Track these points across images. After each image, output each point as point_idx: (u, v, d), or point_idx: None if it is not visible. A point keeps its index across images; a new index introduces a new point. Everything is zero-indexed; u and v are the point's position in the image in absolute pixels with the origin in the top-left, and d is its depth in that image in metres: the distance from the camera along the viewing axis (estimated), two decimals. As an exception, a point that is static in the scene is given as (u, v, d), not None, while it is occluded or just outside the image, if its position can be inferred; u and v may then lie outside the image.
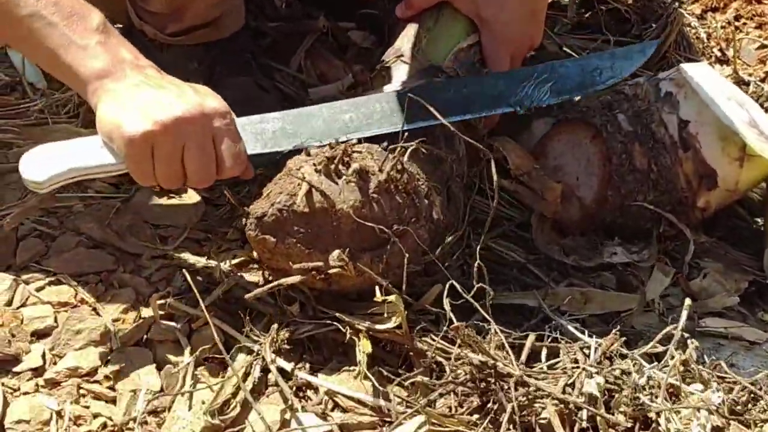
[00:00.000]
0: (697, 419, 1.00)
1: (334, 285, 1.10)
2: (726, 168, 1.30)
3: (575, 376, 1.04)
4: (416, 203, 1.11)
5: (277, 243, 1.08)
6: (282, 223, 1.08)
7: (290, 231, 1.08)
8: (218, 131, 1.11)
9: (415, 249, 1.11)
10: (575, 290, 1.25)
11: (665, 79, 1.37)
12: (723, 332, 1.20)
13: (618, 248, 1.33)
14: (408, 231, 1.09)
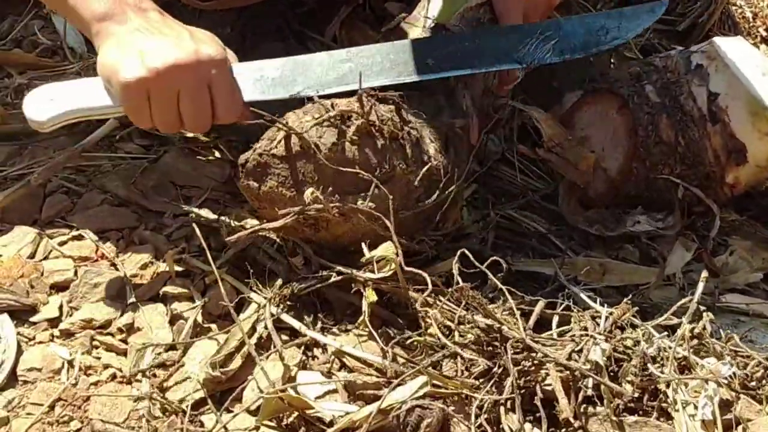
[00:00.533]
0: (705, 391, 0.98)
1: (324, 232, 1.10)
2: (756, 143, 1.27)
3: (583, 343, 1.03)
4: (405, 149, 1.10)
5: (260, 187, 1.10)
6: (263, 167, 1.10)
7: (271, 175, 1.10)
8: (213, 78, 1.13)
9: (406, 194, 1.10)
10: (594, 260, 1.24)
11: (697, 52, 1.34)
12: (744, 309, 1.17)
13: (641, 217, 1.31)
14: (395, 175, 1.09)
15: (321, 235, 1.12)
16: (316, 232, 1.11)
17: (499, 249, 1.26)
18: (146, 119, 1.13)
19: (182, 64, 1.09)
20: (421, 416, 0.96)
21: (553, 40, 1.24)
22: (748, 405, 0.99)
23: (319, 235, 1.12)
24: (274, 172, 1.10)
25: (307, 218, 1.08)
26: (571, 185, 1.39)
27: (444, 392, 1.00)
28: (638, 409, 1.00)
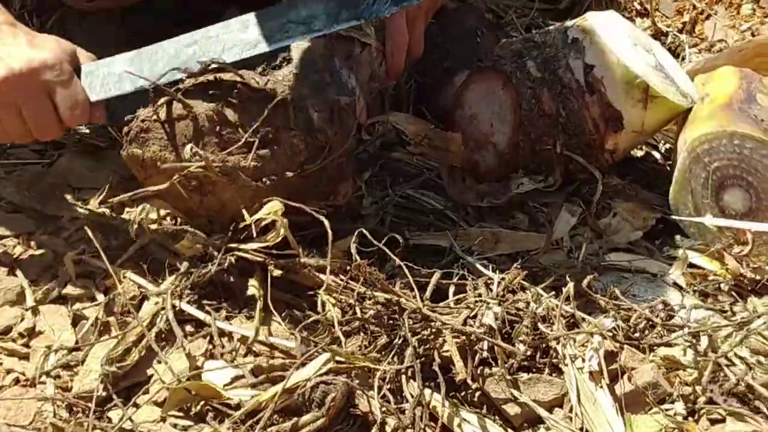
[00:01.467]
0: (591, 344, 1.03)
1: (210, 197, 1.12)
2: (630, 110, 1.33)
3: (477, 309, 1.07)
4: (288, 112, 1.11)
5: (144, 153, 1.12)
6: (146, 132, 1.12)
7: (153, 140, 1.12)
8: (50, 84, 1.14)
9: (290, 157, 1.12)
10: (486, 231, 1.28)
11: (573, 27, 1.39)
12: (626, 266, 1.23)
13: (524, 179, 1.35)
14: (278, 137, 1.11)
15: (208, 203, 1.13)
16: (201, 198, 1.12)
17: (397, 227, 1.29)
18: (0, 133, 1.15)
19: (14, 75, 1.11)
20: (325, 392, 0.99)
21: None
22: (632, 354, 1.05)
23: (206, 203, 1.14)
24: (156, 136, 1.12)
25: (190, 179, 1.10)
26: (450, 168, 1.43)
27: (347, 367, 1.04)
28: (531, 366, 1.05)
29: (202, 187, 1.11)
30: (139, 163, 1.14)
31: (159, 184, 1.12)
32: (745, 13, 1.91)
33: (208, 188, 1.11)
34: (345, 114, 1.21)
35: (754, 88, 1.37)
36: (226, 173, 1.09)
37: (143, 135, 1.12)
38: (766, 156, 1.20)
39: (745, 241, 1.23)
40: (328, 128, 1.16)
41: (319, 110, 1.16)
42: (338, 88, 1.21)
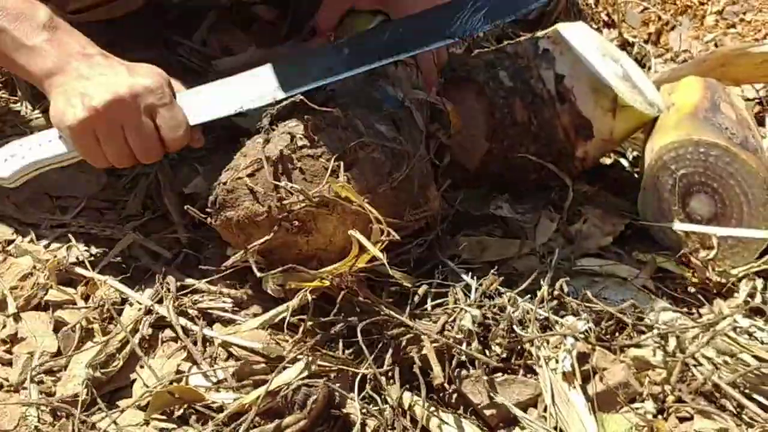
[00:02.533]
0: (564, 346, 1.07)
1: (316, 234, 1.12)
2: (600, 119, 1.37)
3: (455, 314, 1.10)
4: (358, 129, 1.13)
5: (237, 214, 1.12)
6: (231, 192, 1.12)
7: (242, 197, 1.11)
8: (153, 107, 1.16)
9: (376, 170, 1.12)
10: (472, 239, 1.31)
11: (543, 38, 1.43)
12: (597, 270, 1.26)
13: (505, 204, 1.39)
14: (358, 156, 1.11)
15: (314, 241, 1.12)
16: (307, 237, 1.11)
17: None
18: (100, 158, 1.18)
19: (119, 98, 1.14)
20: (307, 394, 1.02)
21: (484, 9, 1.22)
22: (603, 355, 1.08)
23: (312, 242, 1.12)
24: (243, 192, 1.10)
25: (292, 221, 1.08)
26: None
27: (328, 370, 1.06)
28: (507, 368, 1.08)
29: (305, 225, 1.10)
30: (235, 226, 1.11)
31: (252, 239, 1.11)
32: (709, 24, 1.97)
33: (311, 226, 1.10)
34: (407, 123, 1.22)
35: (718, 98, 1.42)
36: (324, 203, 1.08)
37: (230, 196, 1.11)
38: (730, 164, 1.25)
39: (710, 245, 1.27)
40: (399, 137, 1.17)
41: (383, 123, 1.17)
42: (389, 102, 1.23)
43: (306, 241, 1.12)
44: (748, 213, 1.25)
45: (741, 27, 1.92)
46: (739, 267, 1.27)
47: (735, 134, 1.29)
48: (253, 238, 1.11)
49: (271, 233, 1.09)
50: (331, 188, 1.07)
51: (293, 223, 1.09)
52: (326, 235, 1.12)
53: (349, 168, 1.10)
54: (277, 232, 1.09)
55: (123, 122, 1.15)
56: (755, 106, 1.71)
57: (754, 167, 1.24)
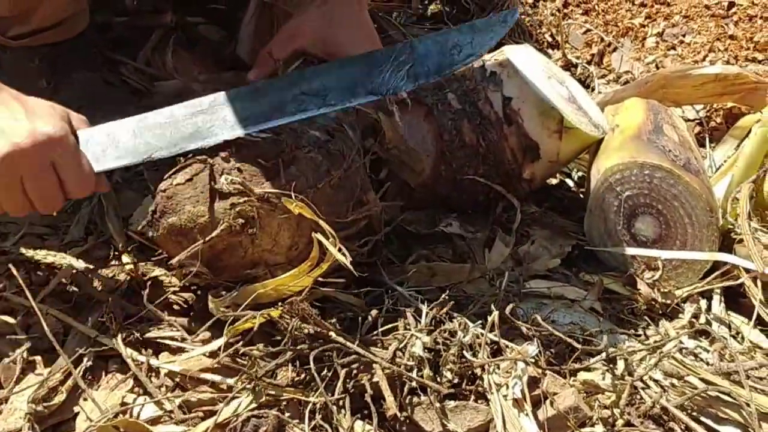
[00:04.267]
0: (515, 371, 1.07)
1: (260, 232, 1.12)
2: (546, 140, 1.38)
3: (406, 340, 1.10)
4: (296, 134, 1.16)
5: (179, 219, 1.12)
6: (171, 198, 1.13)
7: (183, 202, 1.12)
8: (56, 158, 1.09)
9: (315, 169, 1.14)
10: (422, 265, 1.30)
11: (490, 60, 1.44)
12: (546, 292, 1.27)
13: (454, 222, 1.39)
14: (296, 156, 1.13)
15: (259, 242, 1.11)
16: (252, 239, 1.11)
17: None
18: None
19: (19, 150, 1.05)
20: (256, 425, 1.01)
21: (407, 65, 1.23)
22: (554, 380, 1.09)
23: (258, 243, 1.12)
24: (185, 197, 1.11)
25: (236, 218, 1.09)
26: (403, 184, 1.44)
27: (278, 399, 1.05)
28: (458, 393, 1.08)
29: (248, 224, 1.10)
30: (177, 233, 1.11)
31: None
32: (650, 46, 2.01)
33: (256, 222, 1.10)
34: (340, 134, 1.23)
35: (660, 119, 1.44)
36: (266, 199, 1.09)
37: (171, 202, 1.10)
38: (674, 185, 1.27)
39: (655, 267, 1.29)
40: (335, 140, 1.19)
41: (317, 131, 1.19)
42: (323, 118, 1.24)
43: (251, 242, 1.11)
44: (692, 234, 1.28)
45: (681, 49, 1.96)
46: (683, 288, 1.29)
47: (678, 156, 1.32)
48: (179, 246, 1.11)
49: (218, 229, 1.09)
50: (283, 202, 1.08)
51: (236, 221, 1.09)
52: (271, 234, 1.12)
53: (288, 167, 1.11)
54: (222, 233, 1.09)
55: (23, 175, 1.07)
56: (695, 126, 1.75)
57: (697, 189, 1.26)
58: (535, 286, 1.28)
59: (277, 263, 1.14)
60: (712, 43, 1.93)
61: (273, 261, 1.14)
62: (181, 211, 1.10)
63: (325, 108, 1.19)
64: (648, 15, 2.06)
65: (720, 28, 1.96)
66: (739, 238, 1.28)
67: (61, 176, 1.10)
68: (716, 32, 1.96)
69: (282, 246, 1.13)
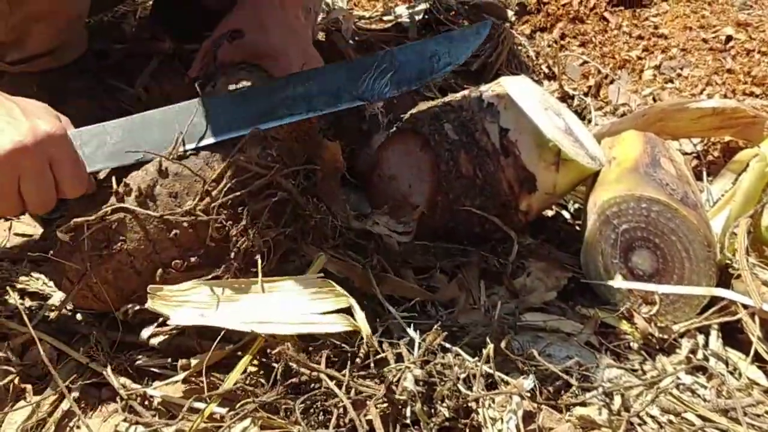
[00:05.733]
0: (509, 405, 1.06)
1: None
2: (543, 172, 1.38)
3: (400, 374, 1.08)
4: None
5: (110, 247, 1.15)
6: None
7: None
8: (54, 156, 1.08)
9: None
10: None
11: (488, 91, 1.44)
12: (542, 325, 1.26)
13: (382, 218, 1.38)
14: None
15: (136, 250, 1.14)
16: (125, 252, 1.13)
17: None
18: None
19: (20, 147, 1.04)
20: (249, 457, 0.99)
21: (389, 72, 1.26)
22: (549, 414, 1.08)
23: (136, 252, 1.14)
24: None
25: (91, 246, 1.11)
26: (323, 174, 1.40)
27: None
28: (453, 427, 1.06)
29: (107, 244, 1.12)
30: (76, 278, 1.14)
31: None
32: (647, 79, 2.01)
33: (115, 239, 1.13)
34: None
35: (658, 153, 1.44)
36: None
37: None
38: (671, 219, 1.27)
39: (652, 301, 1.28)
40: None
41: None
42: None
43: (128, 255, 1.13)
44: (689, 269, 1.27)
45: (678, 82, 1.97)
46: (680, 323, 1.28)
47: (675, 190, 1.31)
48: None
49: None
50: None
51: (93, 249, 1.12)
52: (142, 239, 1.13)
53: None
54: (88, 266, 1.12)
55: (21, 173, 1.06)
56: (692, 160, 1.75)
57: (695, 223, 1.25)
58: (530, 319, 1.27)
59: (173, 257, 1.15)
60: (710, 77, 1.94)
61: (168, 258, 1.14)
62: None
63: (312, 112, 1.23)
64: (645, 48, 2.07)
65: (717, 62, 1.97)
66: (737, 274, 1.27)
67: (57, 175, 1.09)
68: (714, 66, 1.97)
69: (163, 240, 1.14)
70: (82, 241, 1.11)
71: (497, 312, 1.20)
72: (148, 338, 1.15)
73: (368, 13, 2.24)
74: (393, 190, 1.46)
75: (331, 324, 1.11)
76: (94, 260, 1.12)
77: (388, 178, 1.47)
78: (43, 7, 1.33)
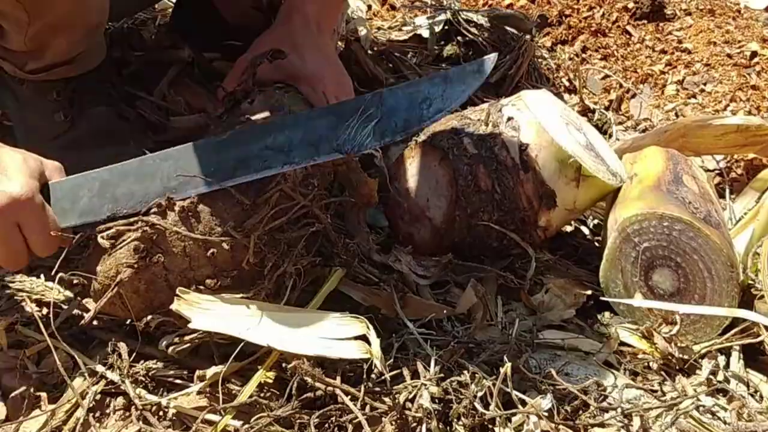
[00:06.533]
0: (527, 425, 1.05)
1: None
2: (563, 188, 1.37)
3: (416, 390, 1.07)
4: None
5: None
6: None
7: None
8: (22, 220, 1.10)
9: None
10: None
11: (508, 105, 1.43)
12: (560, 343, 1.25)
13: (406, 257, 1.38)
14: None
15: (172, 264, 1.15)
16: (162, 264, 1.14)
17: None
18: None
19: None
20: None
21: (374, 120, 1.21)
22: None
23: (171, 266, 1.15)
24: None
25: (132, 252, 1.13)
26: (354, 204, 1.39)
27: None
28: (469, 446, 1.06)
29: (147, 252, 1.13)
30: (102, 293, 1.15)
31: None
32: (670, 94, 2.00)
33: (154, 250, 1.13)
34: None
35: (680, 170, 1.42)
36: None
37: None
38: (693, 238, 1.25)
39: (673, 321, 1.27)
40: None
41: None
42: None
43: (164, 268, 1.14)
44: (711, 289, 1.25)
45: (702, 97, 1.95)
46: (701, 343, 1.26)
47: (698, 208, 1.30)
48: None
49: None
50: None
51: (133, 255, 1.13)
52: (179, 253, 1.14)
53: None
54: (129, 273, 1.13)
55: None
56: (715, 177, 1.73)
57: (718, 243, 1.24)
58: (548, 337, 1.26)
59: (207, 276, 1.16)
60: (734, 93, 1.92)
61: (201, 276, 1.15)
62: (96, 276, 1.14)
63: (288, 166, 1.19)
64: (668, 62, 2.06)
65: (742, 78, 1.95)
66: (760, 295, 1.25)
67: (26, 236, 1.11)
68: (738, 82, 1.95)
69: (200, 258, 1.15)
70: (121, 248, 1.13)
71: (515, 329, 1.18)
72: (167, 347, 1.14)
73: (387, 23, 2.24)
74: (410, 203, 1.45)
75: (347, 350, 1.10)
76: (130, 269, 1.12)
77: (405, 191, 1.46)
78: (62, 16, 1.34)
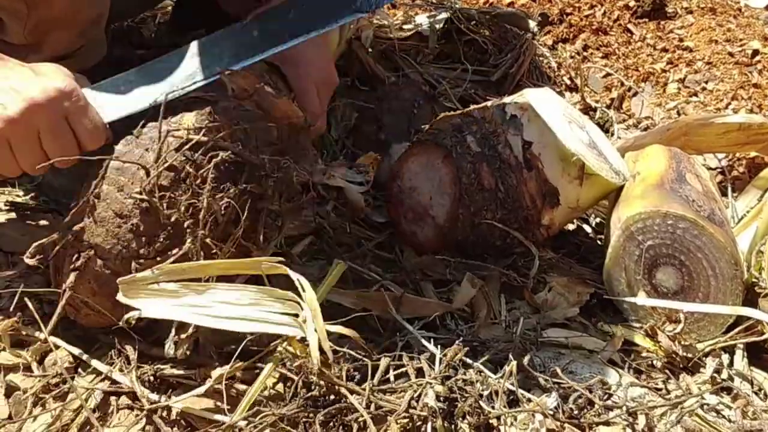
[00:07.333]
0: (532, 423, 1.05)
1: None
2: (567, 186, 1.37)
3: (420, 389, 1.07)
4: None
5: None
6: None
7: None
8: (69, 111, 1.13)
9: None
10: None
11: (510, 103, 1.43)
12: (564, 342, 1.25)
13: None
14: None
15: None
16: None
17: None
18: (13, 167, 1.14)
19: (34, 105, 1.09)
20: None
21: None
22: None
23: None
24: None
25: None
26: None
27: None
28: (474, 445, 1.05)
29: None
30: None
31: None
32: (671, 92, 2.00)
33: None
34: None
35: (683, 168, 1.42)
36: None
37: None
38: (697, 236, 1.25)
39: (677, 319, 1.27)
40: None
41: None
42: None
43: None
44: (715, 287, 1.25)
45: (703, 96, 1.95)
46: (705, 341, 1.26)
47: (702, 206, 1.30)
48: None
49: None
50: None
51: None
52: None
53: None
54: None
55: (40, 129, 1.11)
56: (717, 175, 1.73)
57: (722, 241, 1.24)
58: (552, 335, 1.26)
59: (140, 247, 1.12)
60: (736, 91, 1.92)
61: (136, 249, 1.12)
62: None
63: (314, 32, 1.24)
64: (670, 60, 2.06)
65: (744, 76, 1.95)
66: (764, 293, 1.26)
67: (75, 128, 1.14)
68: (740, 80, 1.95)
69: (125, 234, 1.12)
70: (57, 260, 1.13)
71: (519, 327, 1.18)
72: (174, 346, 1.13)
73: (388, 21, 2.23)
74: (413, 202, 1.45)
75: (281, 326, 1.08)
76: (75, 276, 1.12)
77: (408, 189, 1.46)
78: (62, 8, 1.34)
